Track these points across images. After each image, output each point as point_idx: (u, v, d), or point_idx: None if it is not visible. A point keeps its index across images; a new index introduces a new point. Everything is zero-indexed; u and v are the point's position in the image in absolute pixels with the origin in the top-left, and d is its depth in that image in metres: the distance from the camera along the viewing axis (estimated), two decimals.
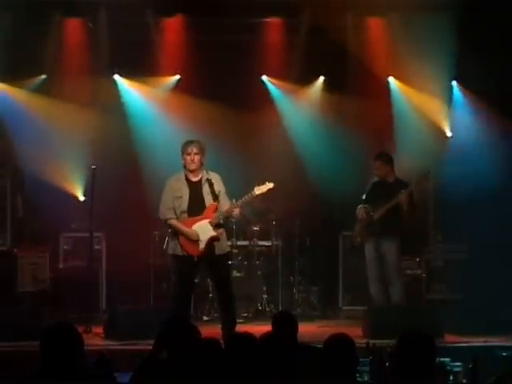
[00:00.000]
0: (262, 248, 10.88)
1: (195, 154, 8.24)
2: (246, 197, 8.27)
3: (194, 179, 8.35)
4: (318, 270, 11.16)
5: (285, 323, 5.44)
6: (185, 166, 8.34)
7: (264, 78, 11.36)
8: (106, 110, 10.80)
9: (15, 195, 10.76)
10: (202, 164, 8.32)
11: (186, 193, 8.31)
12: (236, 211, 8.28)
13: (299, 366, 4.74)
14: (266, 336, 4.74)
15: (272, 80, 11.37)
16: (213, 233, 8.26)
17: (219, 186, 8.37)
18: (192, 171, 8.30)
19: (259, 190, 8.25)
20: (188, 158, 8.25)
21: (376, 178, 9.72)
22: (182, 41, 11.02)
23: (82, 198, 10.64)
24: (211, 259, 8.37)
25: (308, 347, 5.29)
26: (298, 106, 11.40)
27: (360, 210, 9.62)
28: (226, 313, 8.42)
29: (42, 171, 10.57)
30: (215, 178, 8.38)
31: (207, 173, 8.37)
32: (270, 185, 8.27)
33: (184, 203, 8.30)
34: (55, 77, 10.79)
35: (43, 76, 10.90)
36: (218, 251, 8.33)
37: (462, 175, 10.39)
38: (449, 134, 11.13)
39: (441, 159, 10.64)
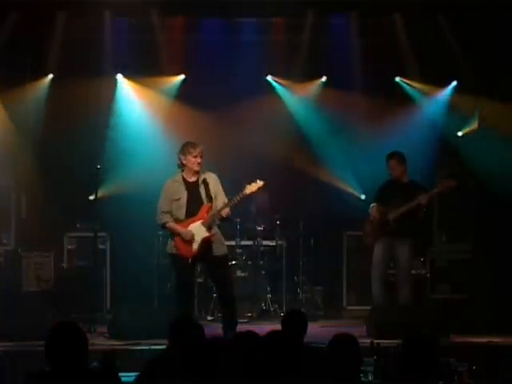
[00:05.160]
0: (266, 248, 10.86)
1: (201, 156, 8.27)
2: (237, 196, 8.21)
3: (192, 180, 8.35)
4: (322, 269, 11.15)
5: (295, 322, 5.44)
6: (182, 166, 8.33)
7: (269, 77, 11.35)
8: (110, 110, 10.80)
9: (20, 195, 10.76)
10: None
11: (183, 194, 8.31)
12: (225, 211, 8.23)
13: (303, 367, 4.74)
14: (273, 334, 4.72)
15: (276, 79, 11.36)
16: (206, 234, 8.25)
17: (216, 186, 8.35)
18: (196, 172, 8.31)
19: (249, 189, 8.17)
20: (194, 159, 8.25)
21: (389, 178, 9.37)
22: (186, 41, 11.02)
23: (91, 197, 10.62)
24: (209, 260, 8.38)
25: (311, 348, 5.28)
26: (302, 102, 11.35)
27: (373, 209, 9.31)
28: (225, 313, 8.43)
29: (48, 171, 10.60)
30: (212, 178, 8.38)
31: (203, 173, 8.38)
32: (260, 183, 8.19)
33: (182, 205, 8.30)
34: (59, 76, 10.81)
35: (50, 76, 10.90)
36: (215, 252, 8.31)
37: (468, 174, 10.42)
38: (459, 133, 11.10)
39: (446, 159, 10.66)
